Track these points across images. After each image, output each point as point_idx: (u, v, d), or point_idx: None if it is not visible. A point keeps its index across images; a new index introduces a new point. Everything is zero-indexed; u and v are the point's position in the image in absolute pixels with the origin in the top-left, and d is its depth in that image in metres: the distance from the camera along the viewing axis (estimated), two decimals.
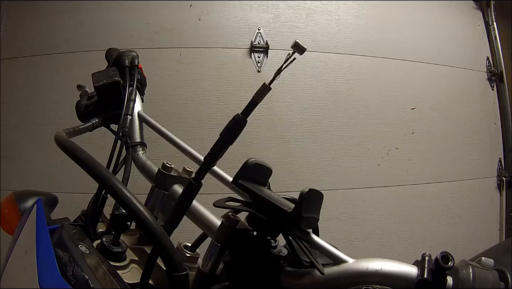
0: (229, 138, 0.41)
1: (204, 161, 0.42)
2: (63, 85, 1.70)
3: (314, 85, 1.79)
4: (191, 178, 0.44)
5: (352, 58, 1.84)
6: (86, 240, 0.52)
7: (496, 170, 1.96)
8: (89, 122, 0.68)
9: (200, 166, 0.43)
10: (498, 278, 0.33)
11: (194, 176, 0.44)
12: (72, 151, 0.45)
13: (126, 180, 0.61)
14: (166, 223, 0.44)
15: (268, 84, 0.40)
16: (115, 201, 0.48)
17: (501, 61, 2.02)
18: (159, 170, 0.58)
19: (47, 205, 0.68)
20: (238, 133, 0.42)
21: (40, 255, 0.47)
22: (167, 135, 0.64)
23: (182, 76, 1.74)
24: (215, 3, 1.81)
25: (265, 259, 0.43)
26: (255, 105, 0.40)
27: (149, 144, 0.69)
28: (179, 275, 0.38)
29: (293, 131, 1.74)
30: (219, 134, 0.42)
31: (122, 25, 1.78)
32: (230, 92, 1.74)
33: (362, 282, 0.37)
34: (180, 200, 0.45)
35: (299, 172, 1.69)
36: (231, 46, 1.78)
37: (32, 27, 1.81)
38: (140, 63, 0.78)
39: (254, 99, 0.40)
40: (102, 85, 0.68)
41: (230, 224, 0.43)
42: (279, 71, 0.39)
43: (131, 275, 0.51)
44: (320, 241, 0.40)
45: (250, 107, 0.40)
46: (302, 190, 0.38)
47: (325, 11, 1.86)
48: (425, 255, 0.35)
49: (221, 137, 0.42)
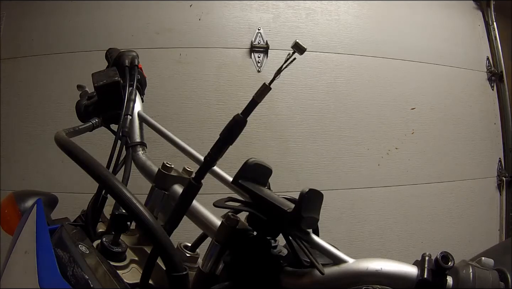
0: (229, 138, 0.41)
1: (204, 160, 0.42)
2: (63, 85, 1.70)
3: (314, 85, 1.79)
4: (191, 178, 0.44)
5: (352, 58, 1.84)
6: (86, 240, 0.52)
7: (496, 170, 1.96)
8: (89, 122, 0.68)
9: (200, 166, 0.43)
10: (498, 278, 0.33)
11: (194, 176, 0.43)
12: (72, 151, 0.45)
13: (126, 180, 0.61)
14: (166, 223, 0.44)
15: (268, 84, 0.39)
16: (115, 201, 0.48)
17: (501, 61, 2.02)
18: (159, 170, 0.58)
19: (47, 205, 0.68)
20: (238, 133, 0.42)
21: (40, 255, 0.47)
22: (167, 135, 0.64)
23: (182, 76, 1.74)
24: (215, 3, 1.81)
25: (265, 259, 0.43)
26: (255, 105, 0.40)
27: (149, 144, 0.69)
28: (179, 275, 0.38)
29: (293, 131, 1.74)
30: (219, 134, 0.42)
31: (122, 25, 1.78)
32: (230, 92, 1.74)
33: (362, 282, 0.37)
34: (180, 200, 0.45)
35: (299, 172, 1.69)
36: (231, 46, 1.78)
37: (32, 27, 1.81)
38: (140, 63, 0.78)
39: (254, 99, 0.40)
40: (102, 85, 0.68)
41: (230, 224, 0.43)
42: (279, 71, 0.39)
43: (131, 275, 0.51)
44: (320, 241, 0.40)
45: (250, 107, 0.40)
46: (302, 190, 0.38)
47: (325, 11, 1.86)
48: (425, 255, 0.35)
49: (221, 137, 0.42)
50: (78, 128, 0.63)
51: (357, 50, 1.85)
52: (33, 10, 1.82)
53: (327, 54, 1.82)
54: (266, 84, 0.39)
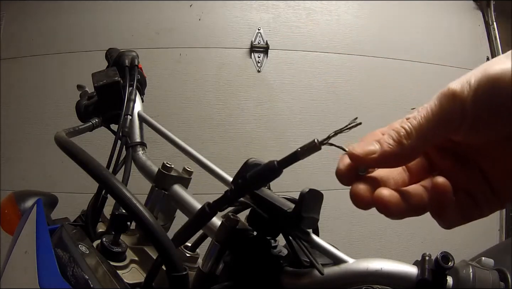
0: (255, 183, 0.38)
1: (225, 194, 0.39)
2: (63, 85, 1.70)
3: (314, 85, 1.79)
4: (206, 205, 0.40)
5: (352, 58, 1.84)
6: (86, 240, 0.52)
7: None
8: (89, 122, 0.68)
9: (219, 198, 0.40)
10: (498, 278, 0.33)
11: (210, 204, 0.40)
12: (72, 151, 0.45)
13: (126, 180, 0.61)
14: (175, 238, 0.42)
15: (318, 144, 0.33)
16: (115, 201, 0.48)
17: None
18: (159, 170, 0.58)
19: (47, 205, 0.68)
20: (267, 181, 0.38)
21: (40, 255, 0.47)
22: (167, 136, 0.64)
23: (182, 76, 1.74)
24: (215, 3, 1.81)
25: (265, 259, 0.43)
26: (296, 160, 0.34)
27: (149, 144, 0.69)
28: (179, 275, 0.38)
29: (293, 131, 1.74)
30: (247, 174, 0.38)
31: (122, 25, 1.78)
32: (230, 92, 1.74)
33: (362, 282, 0.37)
34: (190, 223, 0.43)
35: (299, 172, 1.69)
36: (231, 46, 1.78)
37: (32, 27, 1.81)
38: (140, 63, 0.78)
39: (297, 154, 0.34)
40: (102, 85, 0.68)
41: (230, 224, 0.43)
42: (335, 133, 0.33)
43: (131, 275, 0.51)
44: (320, 241, 0.40)
45: (289, 160, 0.35)
46: (302, 190, 0.38)
47: (325, 11, 1.86)
48: (425, 255, 0.35)
49: (248, 178, 0.37)
50: (78, 128, 0.63)
51: (357, 50, 1.84)
52: (32, 10, 1.82)
53: (327, 54, 1.82)
54: (316, 142, 0.33)
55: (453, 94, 0.26)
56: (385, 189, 0.28)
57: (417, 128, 0.27)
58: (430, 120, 0.26)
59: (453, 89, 0.26)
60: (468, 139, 0.28)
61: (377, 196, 0.27)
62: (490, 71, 0.25)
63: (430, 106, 0.27)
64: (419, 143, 0.27)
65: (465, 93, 0.25)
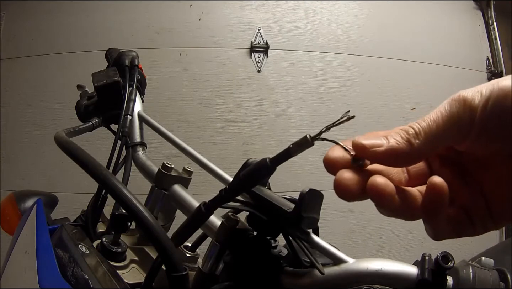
0: (249, 182, 0.38)
1: (219, 193, 0.39)
2: (63, 85, 1.70)
3: (314, 85, 1.79)
4: (202, 204, 0.40)
5: (352, 58, 1.84)
6: (86, 240, 0.52)
7: None
8: (89, 122, 0.68)
9: (214, 197, 0.40)
10: (498, 278, 0.33)
11: (206, 204, 0.40)
12: (72, 151, 0.45)
13: (126, 180, 0.61)
14: (172, 238, 0.42)
15: (311, 139, 0.33)
16: (115, 201, 0.48)
17: (501, 61, 2.02)
18: (159, 170, 0.58)
19: (47, 205, 0.68)
20: (260, 179, 0.38)
21: (40, 255, 0.47)
22: (167, 135, 0.64)
23: (182, 76, 1.74)
24: (215, 3, 1.81)
25: (265, 259, 0.43)
26: (288, 158, 0.34)
27: (149, 144, 0.69)
28: (179, 275, 0.38)
29: (293, 131, 1.74)
30: (241, 173, 0.38)
31: (122, 25, 1.78)
32: (230, 92, 1.74)
33: (362, 282, 0.37)
34: (187, 222, 0.42)
35: (299, 172, 1.69)
36: (231, 46, 1.78)
37: (32, 27, 1.81)
38: (140, 63, 0.78)
39: (288, 151, 0.34)
40: (102, 85, 0.68)
41: (230, 224, 0.43)
42: (327, 128, 0.32)
43: (131, 275, 0.51)
44: (320, 241, 0.40)
45: (281, 158, 0.35)
46: (302, 190, 0.38)
47: (325, 11, 1.86)
48: (425, 255, 0.35)
49: (241, 177, 0.37)
50: (78, 128, 0.63)
51: (357, 50, 1.84)
52: (32, 10, 1.82)
53: (327, 54, 1.82)
54: (308, 138, 0.33)
55: (464, 101, 0.26)
56: (381, 176, 0.27)
57: (426, 130, 0.27)
58: (439, 124, 0.26)
59: (464, 96, 0.26)
60: (473, 149, 0.27)
61: (371, 182, 0.27)
62: (502, 83, 0.25)
63: (440, 110, 0.27)
64: (427, 145, 0.27)
65: (475, 101, 0.25)
